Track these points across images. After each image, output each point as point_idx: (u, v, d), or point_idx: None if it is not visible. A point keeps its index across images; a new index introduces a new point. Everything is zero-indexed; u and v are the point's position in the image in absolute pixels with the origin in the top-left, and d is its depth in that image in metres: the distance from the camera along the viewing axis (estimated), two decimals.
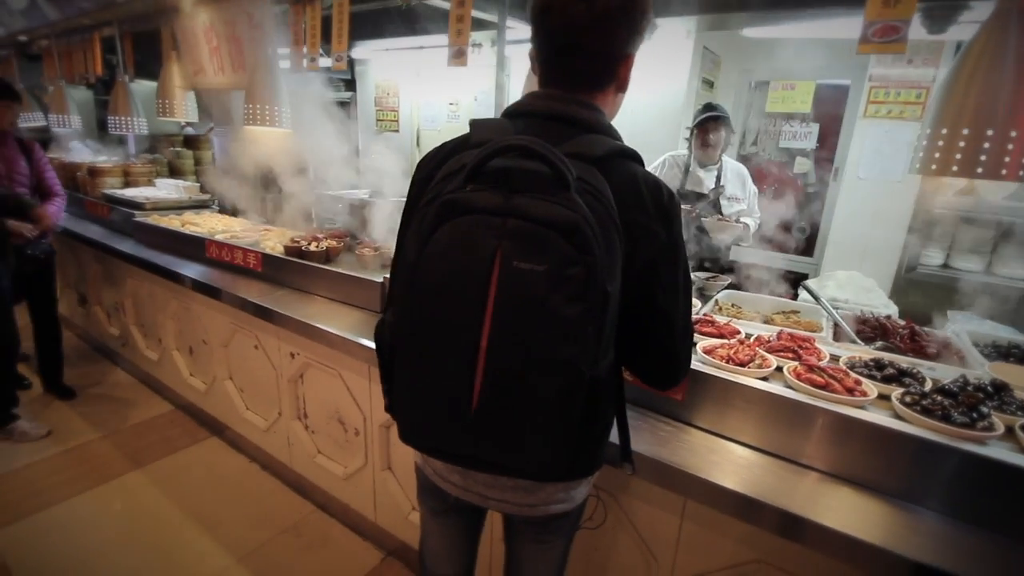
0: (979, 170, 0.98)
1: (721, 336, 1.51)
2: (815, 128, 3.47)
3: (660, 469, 1.21)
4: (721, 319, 1.66)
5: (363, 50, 3.81)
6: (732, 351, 1.38)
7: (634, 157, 0.93)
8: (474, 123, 0.96)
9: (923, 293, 2.80)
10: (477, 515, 1.23)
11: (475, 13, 1.88)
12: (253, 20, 2.40)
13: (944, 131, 1.02)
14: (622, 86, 0.98)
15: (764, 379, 1.31)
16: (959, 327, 1.83)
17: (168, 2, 2.74)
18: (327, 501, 2.32)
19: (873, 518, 1.06)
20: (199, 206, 3.52)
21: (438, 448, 0.93)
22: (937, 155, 1.04)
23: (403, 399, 0.90)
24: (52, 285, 3.04)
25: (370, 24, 3.06)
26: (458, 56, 1.78)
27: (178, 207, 3.38)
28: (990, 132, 0.96)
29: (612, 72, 0.95)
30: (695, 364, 1.36)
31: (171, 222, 3.00)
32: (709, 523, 1.25)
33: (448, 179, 0.85)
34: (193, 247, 2.75)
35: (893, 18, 1.09)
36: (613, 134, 0.95)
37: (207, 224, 2.98)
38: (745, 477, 1.17)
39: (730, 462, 1.22)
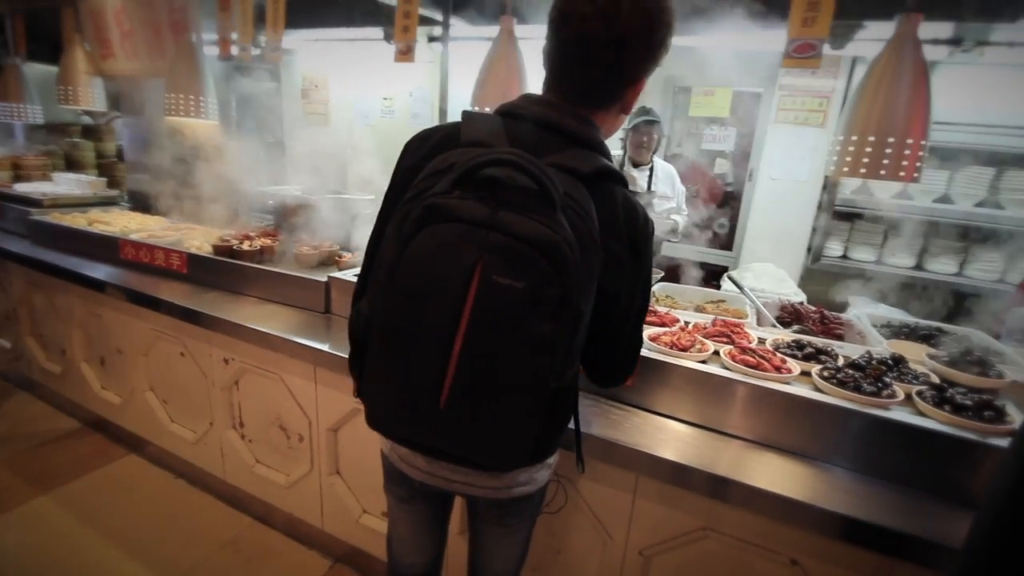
0: (882, 172, 1.13)
1: (663, 324, 1.62)
2: (733, 132, 3.75)
3: (612, 449, 1.29)
4: (661, 309, 1.77)
5: (289, 39, 3.64)
6: (675, 338, 1.48)
7: (618, 179, 0.94)
8: (467, 117, 0.95)
9: (827, 281, 3.12)
10: (443, 502, 1.24)
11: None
12: (174, 3, 2.23)
13: (854, 138, 1.17)
14: (626, 108, 0.98)
15: (704, 362, 1.43)
16: (859, 311, 2.07)
17: None
18: (267, 512, 2.22)
19: (801, 479, 1.19)
20: (106, 203, 3.22)
21: (403, 437, 0.96)
22: (848, 159, 1.19)
23: (373, 388, 0.91)
24: None
25: (298, 12, 2.95)
26: (405, 53, 1.77)
27: (82, 204, 3.07)
28: (891, 139, 1.11)
29: (619, 94, 0.95)
30: (642, 351, 1.44)
31: (76, 220, 2.72)
32: (659, 497, 1.34)
33: (434, 177, 0.85)
34: (103, 248, 2.52)
35: (810, 36, 1.23)
36: (603, 151, 0.94)
37: (118, 223, 2.74)
38: (689, 451, 1.27)
39: (676, 439, 1.32)
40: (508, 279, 0.76)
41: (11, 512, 2.22)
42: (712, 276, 3.22)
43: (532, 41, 1.93)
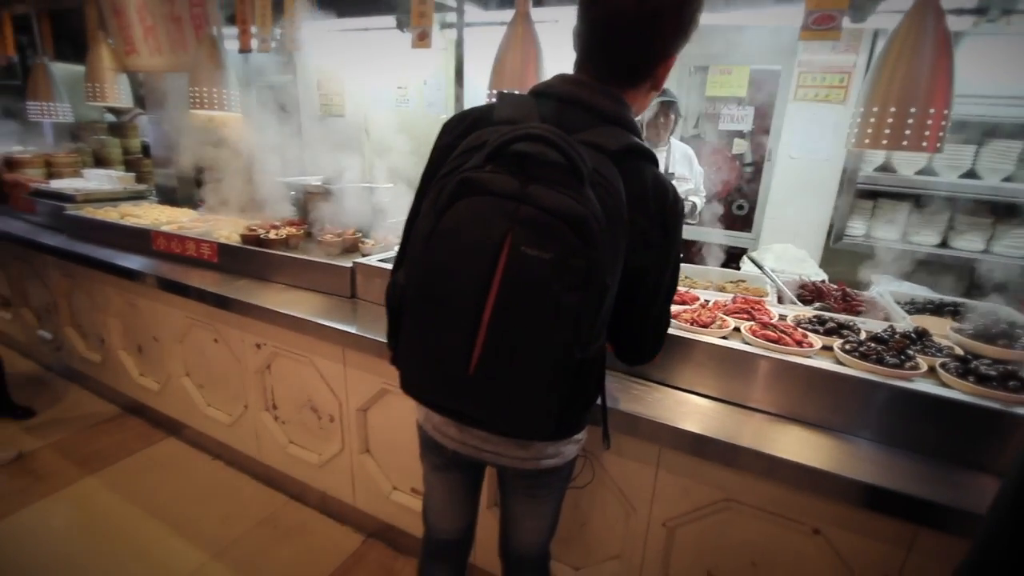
0: (904, 143, 1.13)
1: (683, 303, 1.64)
2: (751, 111, 3.70)
3: (635, 423, 1.32)
4: (681, 288, 1.78)
5: (304, 30, 3.67)
6: (695, 315, 1.50)
7: (648, 156, 0.94)
8: (501, 97, 0.98)
9: (849, 261, 3.08)
10: (475, 471, 1.29)
11: None
12: None
13: (875, 109, 1.16)
14: (657, 85, 0.99)
15: (724, 338, 1.44)
16: (882, 288, 2.06)
17: None
18: (301, 490, 2.31)
19: (823, 450, 1.21)
20: (136, 197, 3.32)
21: (434, 402, 1.01)
22: (869, 131, 1.18)
23: (407, 355, 0.96)
24: None
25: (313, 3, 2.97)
26: (422, 38, 1.79)
27: (113, 199, 3.17)
28: (913, 110, 1.11)
29: (650, 70, 0.95)
30: None
31: (108, 214, 2.82)
32: (681, 470, 1.37)
33: (468, 153, 0.89)
34: (136, 240, 2.61)
35: (830, 7, 1.22)
36: (633, 129, 0.95)
37: (149, 215, 2.83)
38: (711, 424, 1.30)
39: (698, 412, 1.35)
40: (536, 250, 0.79)
41: (61, 492, 2.34)
42: (732, 258, 3.20)
43: (546, 24, 1.94)
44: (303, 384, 2.08)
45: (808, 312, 1.64)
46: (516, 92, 0.99)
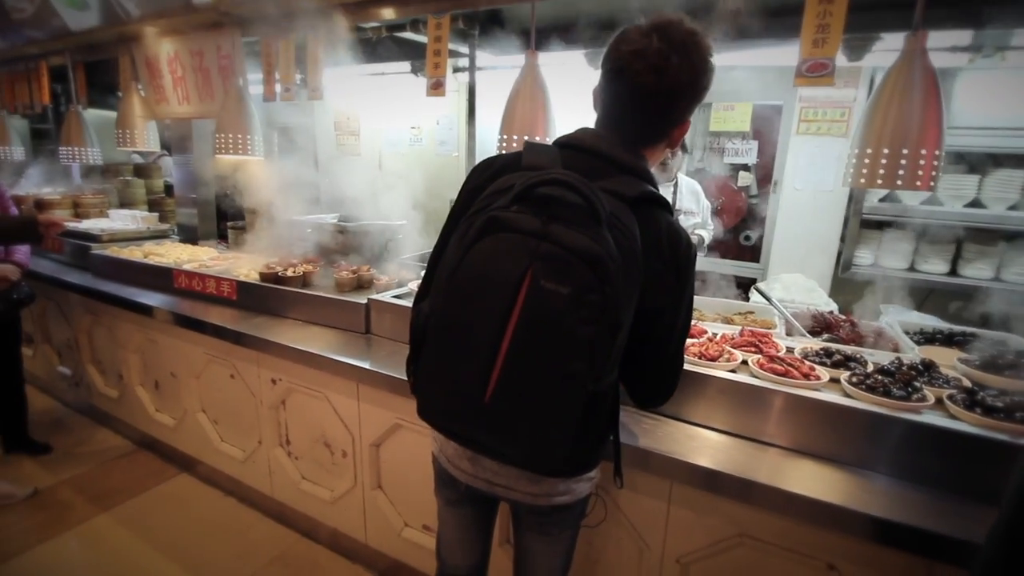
0: (899, 182, 1.18)
1: (691, 336, 1.66)
2: (755, 145, 3.78)
3: (646, 457, 1.33)
4: None
5: (325, 77, 3.85)
6: (703, 348, 1.53)
7: (662, 204, 1.01)
8: (528, 146, 1.05)
9: (858, 290, 3.09)
10: (489, 507, 1.31)
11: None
12: (222, 51, 2.43)
13: (869, 150, 1.21)
14: (672, 144, 1.08)
15: (732, 371, 1.46)
16: (891, 318, 2.06)
17: (127, 32, 2.72)
18: (313, 528, 2.31)
19: (835, 483, 1.21)
20: (158, 236, 3.44)
21: (448, 428, 1.04)
22: (864, 170, 1.23)
23: (426, 381, 1.00)
24: (19, 331, 2.82)
25: (332, 51, 3.13)
26: (436, 87, 1.89)
27: (137, 238, 3.29)
28: (905, 151, 1.16)
29: (666, 134, 1.04)
30: None
31: (132, 253, 2.92)
32: (693, 505, 1.37)
33: (496, 195, 0.96)
34: (158, 278, 2.70)
35: (821, 56, 1.29)
36: (649, 179, 1.02)
37: (171, 254, 2.93)
38: (721, 458, 1.30)
39: (708, 446, 1.36)
40: (554, 284, 0.85)
41: (75, 529, 2.36)
42: (741, 288, 3.21)
43: (552, 66, 2.03)
44: (317, 419, 2.11)
45: (816, 344, 1.66)
46: (541, 141, 1.06)
